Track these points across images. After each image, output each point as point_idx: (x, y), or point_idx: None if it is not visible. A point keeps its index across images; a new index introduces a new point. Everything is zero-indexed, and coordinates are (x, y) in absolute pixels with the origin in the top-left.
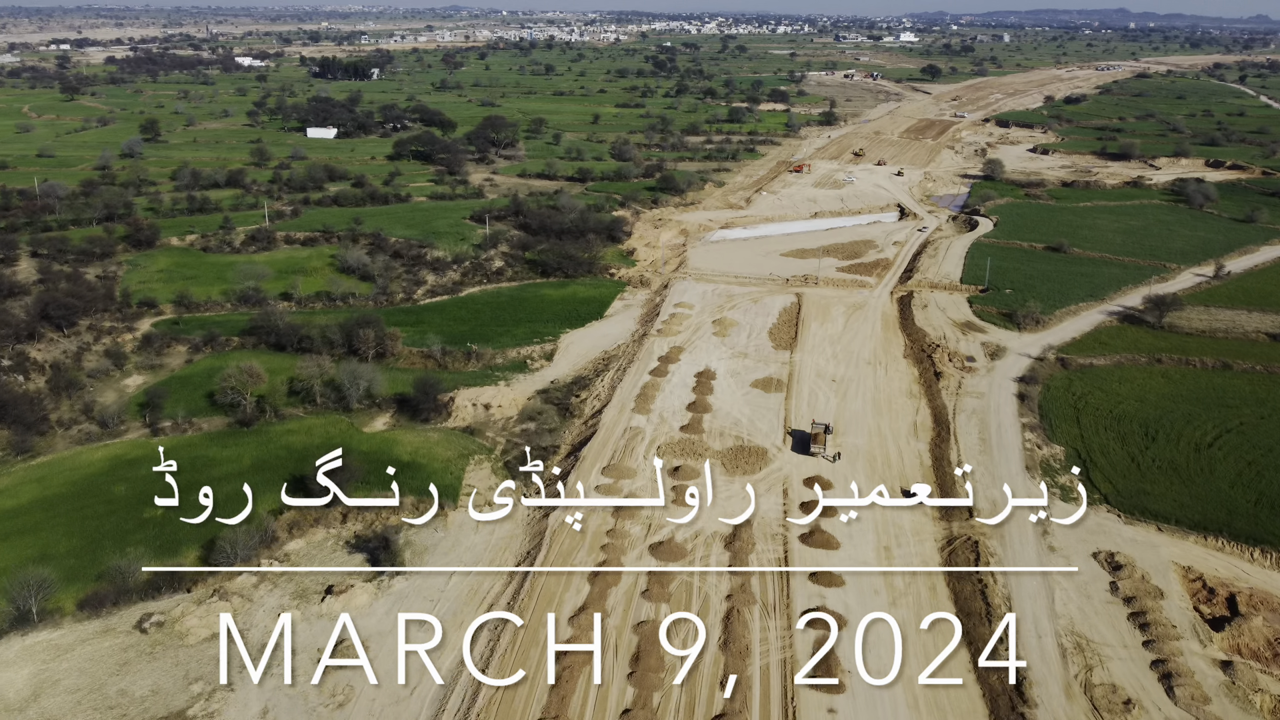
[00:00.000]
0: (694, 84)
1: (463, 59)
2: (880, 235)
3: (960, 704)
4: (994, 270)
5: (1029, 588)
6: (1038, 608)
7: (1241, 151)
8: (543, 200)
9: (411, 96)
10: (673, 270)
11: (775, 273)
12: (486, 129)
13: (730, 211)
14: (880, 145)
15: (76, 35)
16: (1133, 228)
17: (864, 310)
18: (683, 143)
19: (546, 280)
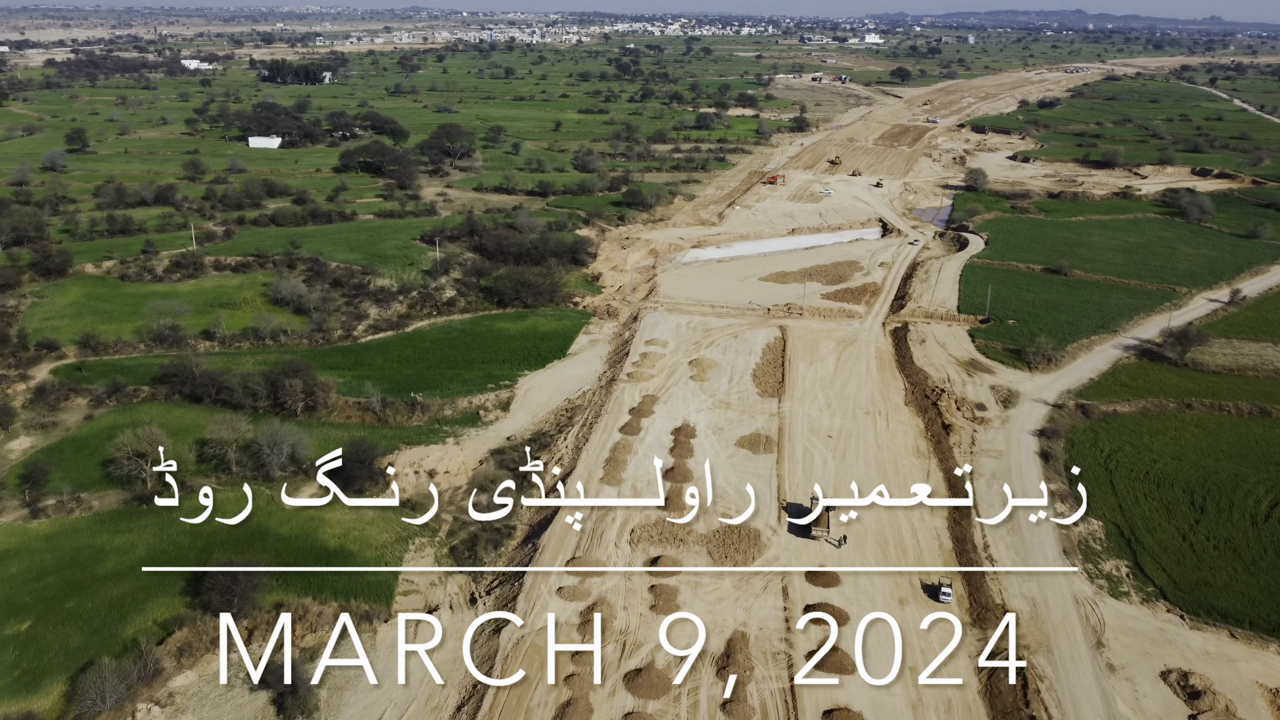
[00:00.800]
0: (659, 88)
1: (420, 61)
2: (864, 255)
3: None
4: (994, 297)
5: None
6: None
7: (1226, 159)
8: (500, 218)
9: (364, 102)
10: (643, 298)
11: (755, 301)
12: (441, 138)
13: (702, 229)
14: (855, 153)
15: (19, 36)
16: (1132, 245)
17: (856, 346)
18: (649, 152)
19: (503, 311)
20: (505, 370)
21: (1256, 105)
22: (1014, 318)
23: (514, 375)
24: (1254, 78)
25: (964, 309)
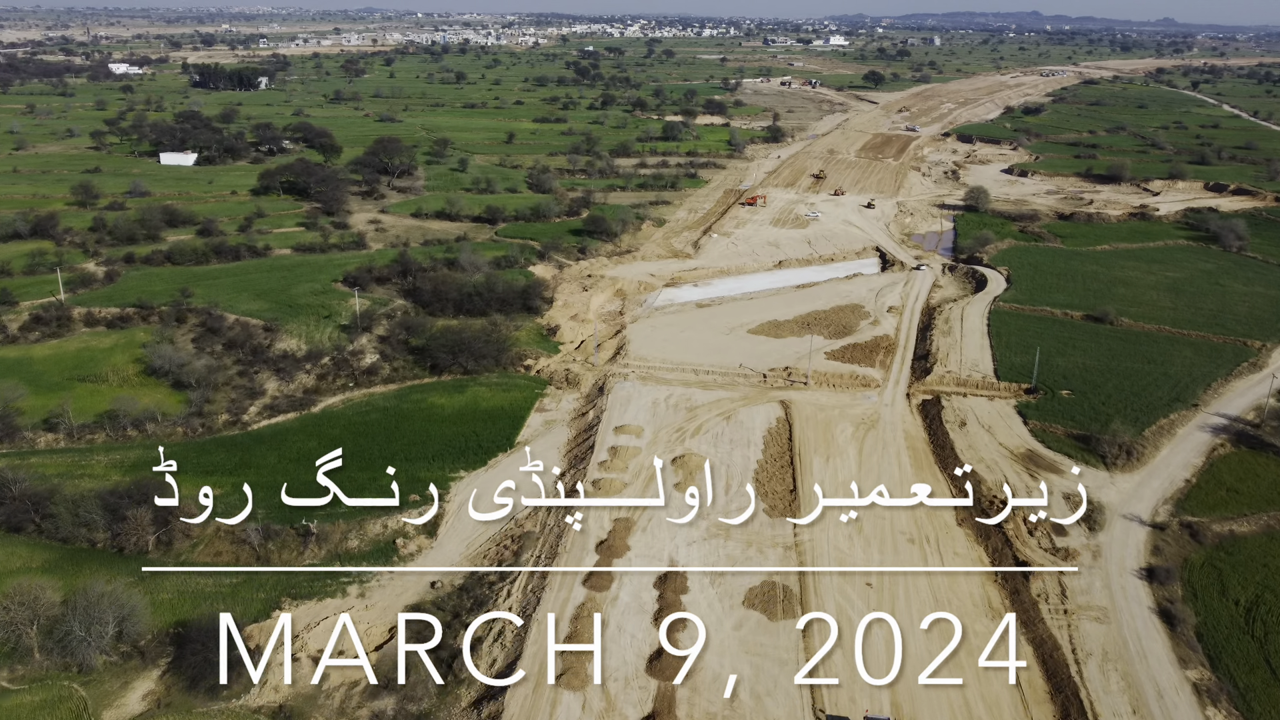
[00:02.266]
0: (620, 93)
1: (366, 65)
2: (867, 295)
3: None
4: (1040, 359)
5: None
6: None
7: (1239, 172)
8: (440, 253)
9: (299, 110)
10: (609, 360)
11: (747, 363)
12: (378, 154)
13: (676, 262)
14: (838, 167)
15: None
16: (1175, 282)
17: (879, 430)
18: (612, 167)
19: (438, 380)
20: (435, 470)
21: (1250, 111)
22: (1067, 386)
23: (446, 478)
24: (1231, 81)
25: (1003, 374)
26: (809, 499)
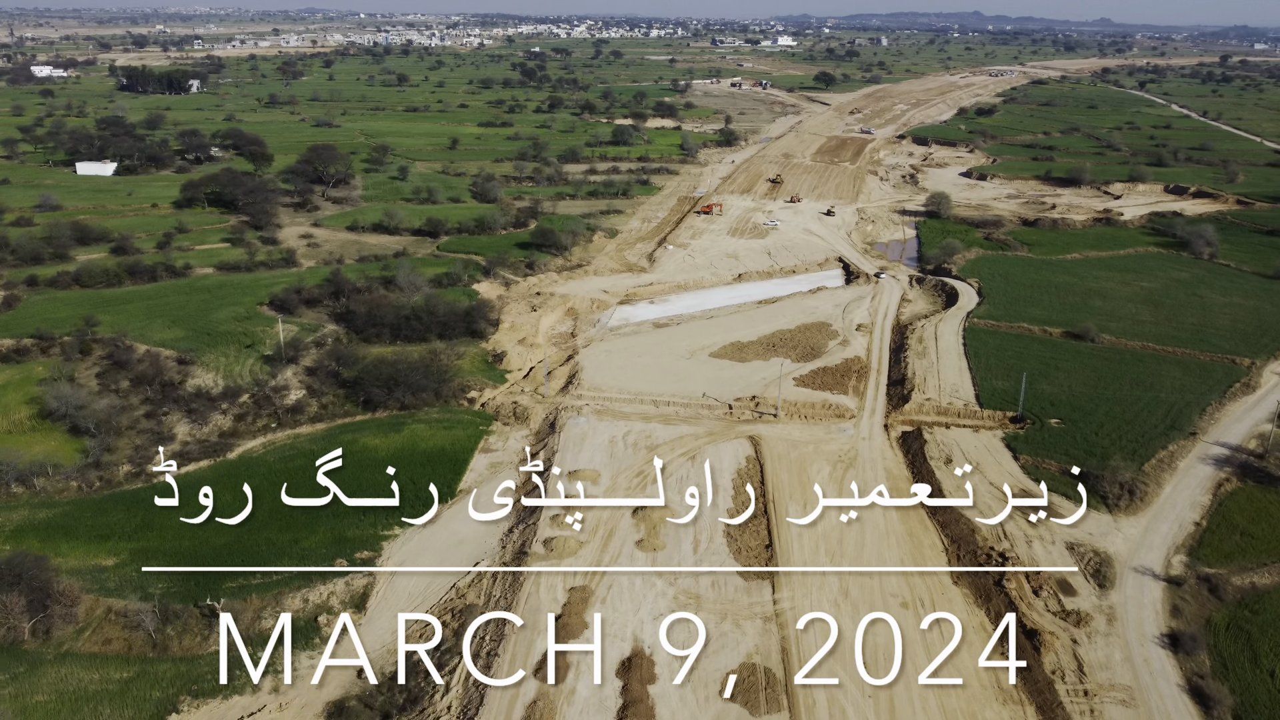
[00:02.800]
0: (568, 96)
1: (304, 67)
2: (833, 311)
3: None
4: (1015, 379)
5: None
6: None
7: (1197, 174)
8: (376, 270)
9: (230, 115)
10: (561, 389)
11: (710, 391)
12: (312, 162)
13: (630, 277)
14: (794, 172)
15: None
16: (1151, 293)
17: (858, 469)
18: (561, 174)
19: (372, 417)
20: (366, 528)
21: (1199, 111)
22: (1055, 414)
23: (378, 537)
24: (1176, 80)
25: (986, 400)
26: (785, 553)
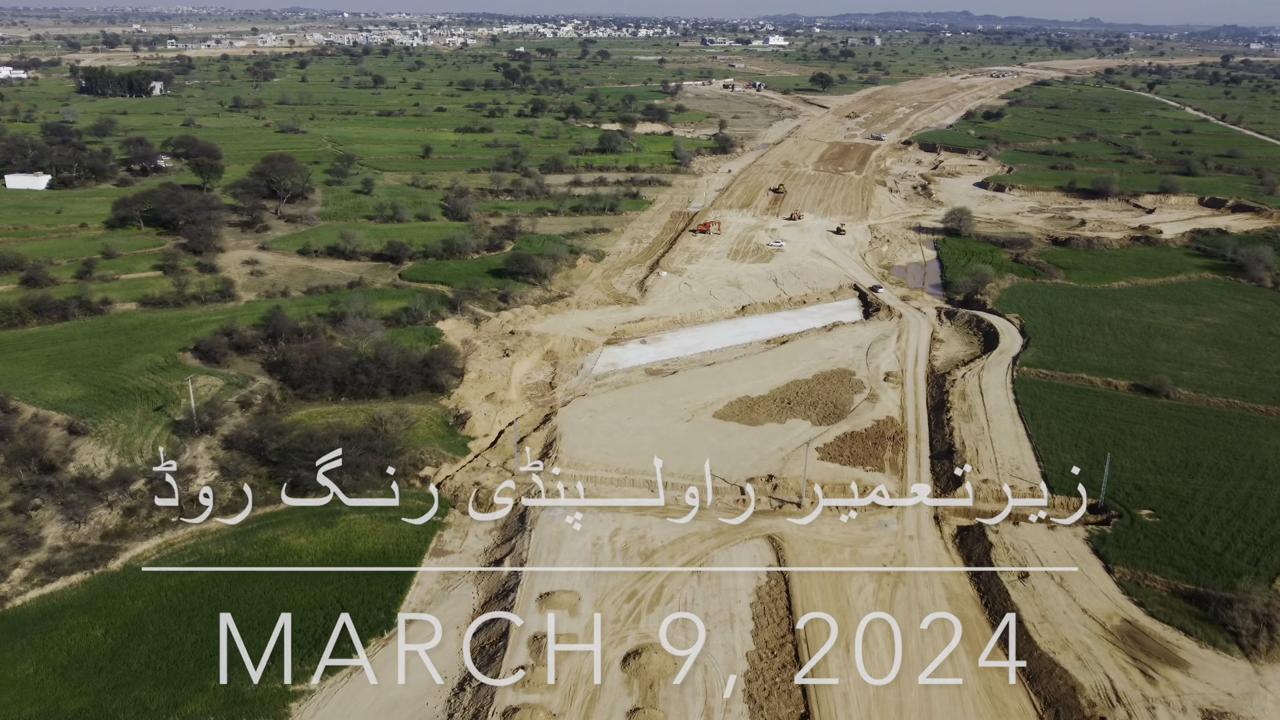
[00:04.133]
0: (552, 98)
1: (278, 68)
2: (854, 354)
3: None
4: (1092, 452)
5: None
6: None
7: (1229, 184)
8: (324, 305)
9: (190, 120)
10: (534, 463)
11: (717, 467)
12: (266, 174)
13: (618, 310)
14: (797, 182)
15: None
16: (1219, 331)
17: (911, 589)
18: (542, 186)
19: (302, 504)
20: (268, 683)
21: (1217, 115)
22: (1144, 501)
23: (285, 694)
24: (1182, 82)
25: (1055, 480)
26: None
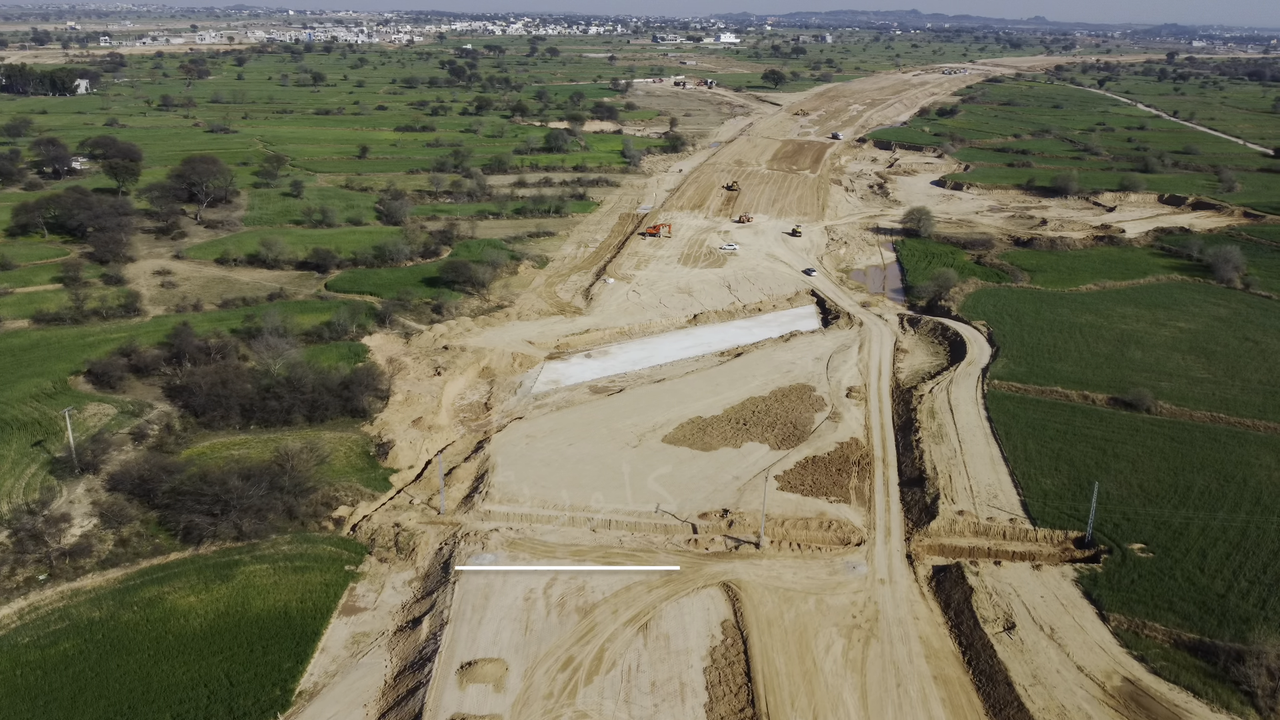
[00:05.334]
0: (498, 96)
1: (214, 66)
2: (814, 367)
3: None
4: (1074, 475)
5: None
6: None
7: (1188, 181)
8: (237, 321)
9: (113, 120)
10: (464, 499)
11: (665, 501)
12: (187, 176)
13: (562, 321)
14: (750, 181)
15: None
16: (1194, 337)
17: (885, 644)
18: (484, 188)
19: (195, 553)
20: None
21: (1168, 111)
22: (1134, 533)
23: None
24: (1131, 78)
25: (1037, 510)
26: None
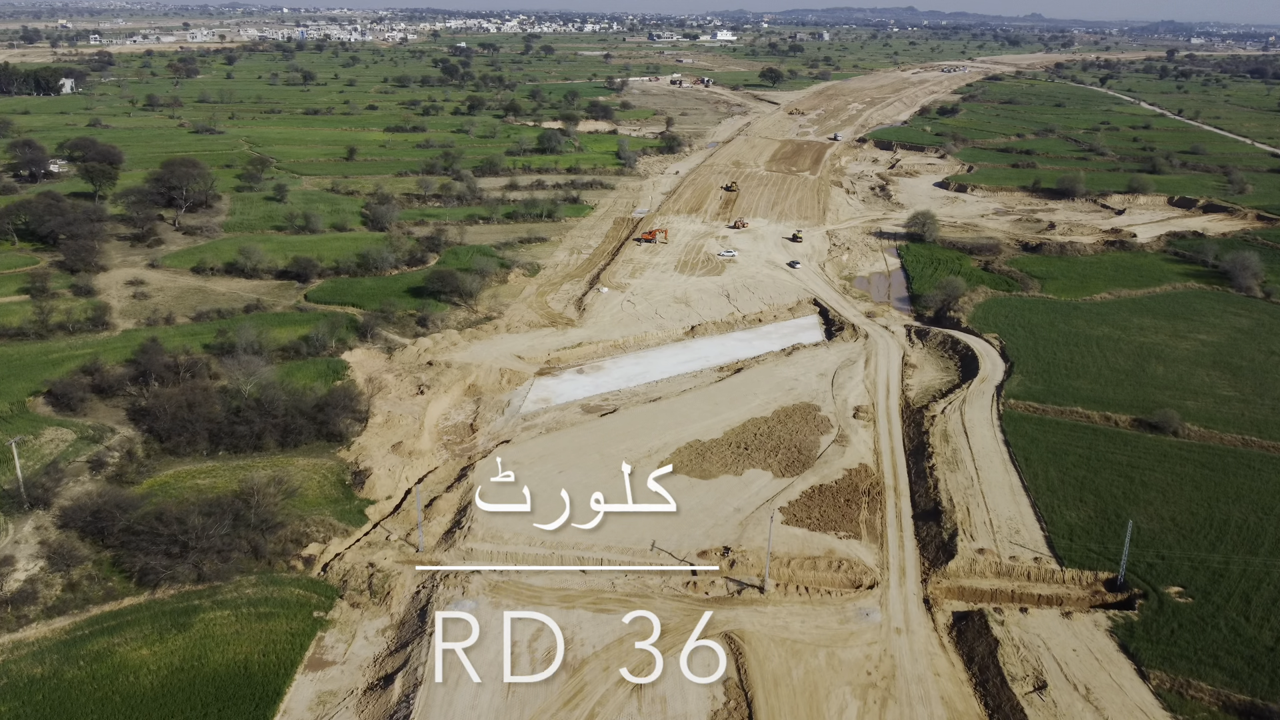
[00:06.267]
0: (491, 95)
1: (204, 64)
2: (818, 384)
3: None
4: (1099, 505)
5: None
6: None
7: (1197, 183)
8: (210, 335)
9: (96, 121)
10: (444, 535)
11: (663, 538)
12: (166, 180)
13: (553, 334)
14: (749, 183)
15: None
16: (1217, 351)
17: (900, 702)
18: (475, 191)
19: (150, 598)
20: None
21: (1173, 110)
22: (1169, 574)
23: None
24: (1133, 76)
25: (1062, 546)
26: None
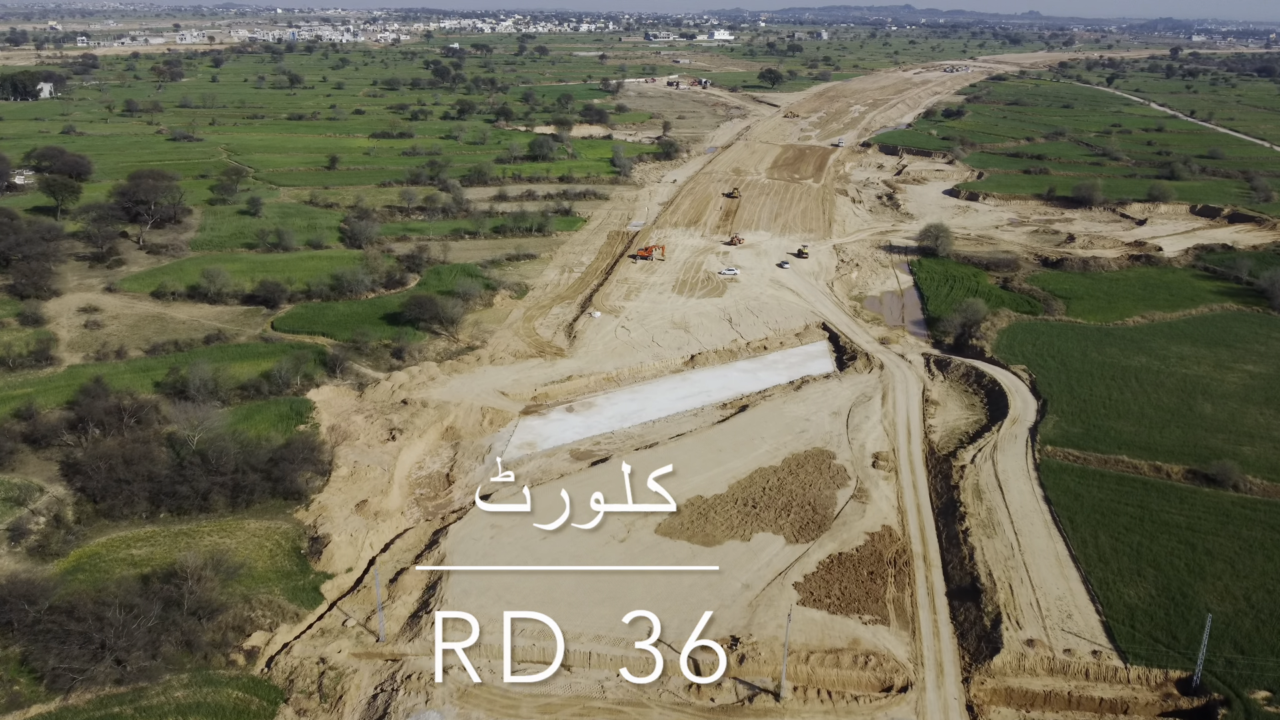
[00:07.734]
0: (483, 98)
1: (190, 67)
2: (831, 425)
3: None
4: (1164, 586)
5: None
6: None
7: (1218, 189)
8: (162, 373)
9: (70, 128)
10: (406, 628)
11: (664, 629)
12: (131, 193)
13: (540, 365)
14: (750, 192)
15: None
16: (1267, 384)
17: None
18: (462, 203)
19: (60, 708)
20: None
21: (1184, 111)
22: (1257, 677)
23: None
24: (1138, 75)
25: (1122, 635)
26: None
